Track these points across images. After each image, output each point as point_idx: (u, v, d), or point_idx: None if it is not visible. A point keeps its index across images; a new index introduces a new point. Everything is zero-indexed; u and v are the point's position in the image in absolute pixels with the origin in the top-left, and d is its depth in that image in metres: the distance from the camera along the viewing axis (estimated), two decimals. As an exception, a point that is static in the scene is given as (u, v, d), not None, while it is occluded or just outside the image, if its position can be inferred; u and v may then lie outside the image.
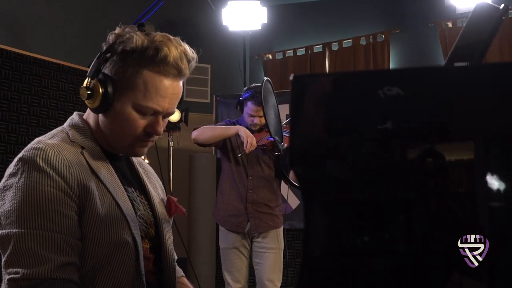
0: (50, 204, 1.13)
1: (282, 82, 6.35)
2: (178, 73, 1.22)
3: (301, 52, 6.41)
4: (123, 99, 1.22)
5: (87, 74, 1.23)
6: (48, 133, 1.30)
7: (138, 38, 1.19)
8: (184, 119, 4.37)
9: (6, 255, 1.13)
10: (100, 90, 1.20)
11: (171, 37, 1.22)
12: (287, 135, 3.42)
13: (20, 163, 1.18)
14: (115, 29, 1.25)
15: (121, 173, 1.33)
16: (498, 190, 0.64)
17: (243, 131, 3.24)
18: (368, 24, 6.07)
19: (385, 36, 5.94)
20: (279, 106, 4.59)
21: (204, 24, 6.04)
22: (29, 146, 1.21)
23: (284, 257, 3.49)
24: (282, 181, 3.54)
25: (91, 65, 1.23)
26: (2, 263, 1.14)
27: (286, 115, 4.63)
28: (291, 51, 6.45)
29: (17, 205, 1.13)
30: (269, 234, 3.44)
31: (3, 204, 1.16)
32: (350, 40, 6.12)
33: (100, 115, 1.26)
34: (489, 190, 0.63)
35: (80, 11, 5.22)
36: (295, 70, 6.36)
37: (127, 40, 1.20)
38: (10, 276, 1.10)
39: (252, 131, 3.43)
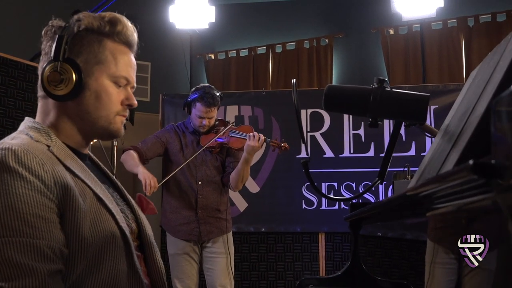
0: (27, 208, 1.01)
1: (224, 83, 6.26)
2: (133, 46, 1.28)
3: (244, 53, 6.36)
4: (96, 75, 1.20)
5: (52, 59, 1.17)
6: (6, 137, 1.17)
7: (87, 17, 1.21)
8: (129, 118, 4.18)
9: None
10: (72, 71, 1.17)
11: (117, 14, 1.26)
12: (236, 136, 3.34)
13: None
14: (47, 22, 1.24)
15: (91, 171, 1.24)
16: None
17: (141, 175, 3.12)
18: (312, 28, 6.13)
19: (329, 40, 6.02)
20: (227, 107, 4.59)
21: (148, 21, 5.85)
22: None
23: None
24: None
25: (53, 50, 1.18)
26: None
27: (235, 116, 4.56)
28: (234, 51, 6.39)
29: None
30: (219, 239, 3.36)
31: None
32: (294, 42, 6.15)
33: (70, 102, 1.19)
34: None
35: (17, 3, 4.91)
36: (238, 71, 6.30)
37: (78, 22, 1.20)
38: None
39: (200, 133, 3.37)
